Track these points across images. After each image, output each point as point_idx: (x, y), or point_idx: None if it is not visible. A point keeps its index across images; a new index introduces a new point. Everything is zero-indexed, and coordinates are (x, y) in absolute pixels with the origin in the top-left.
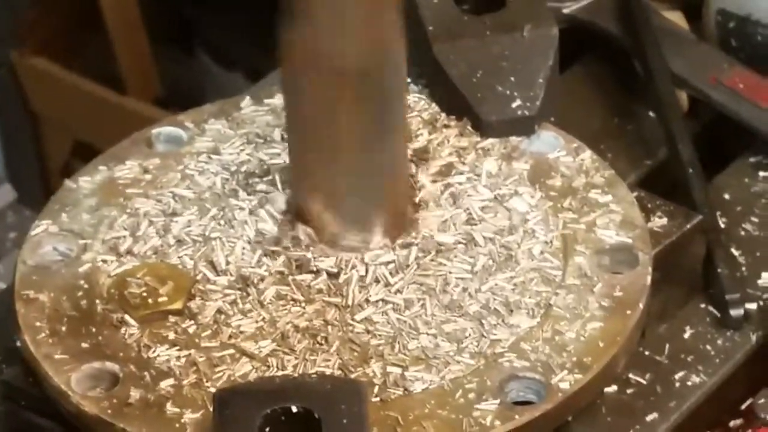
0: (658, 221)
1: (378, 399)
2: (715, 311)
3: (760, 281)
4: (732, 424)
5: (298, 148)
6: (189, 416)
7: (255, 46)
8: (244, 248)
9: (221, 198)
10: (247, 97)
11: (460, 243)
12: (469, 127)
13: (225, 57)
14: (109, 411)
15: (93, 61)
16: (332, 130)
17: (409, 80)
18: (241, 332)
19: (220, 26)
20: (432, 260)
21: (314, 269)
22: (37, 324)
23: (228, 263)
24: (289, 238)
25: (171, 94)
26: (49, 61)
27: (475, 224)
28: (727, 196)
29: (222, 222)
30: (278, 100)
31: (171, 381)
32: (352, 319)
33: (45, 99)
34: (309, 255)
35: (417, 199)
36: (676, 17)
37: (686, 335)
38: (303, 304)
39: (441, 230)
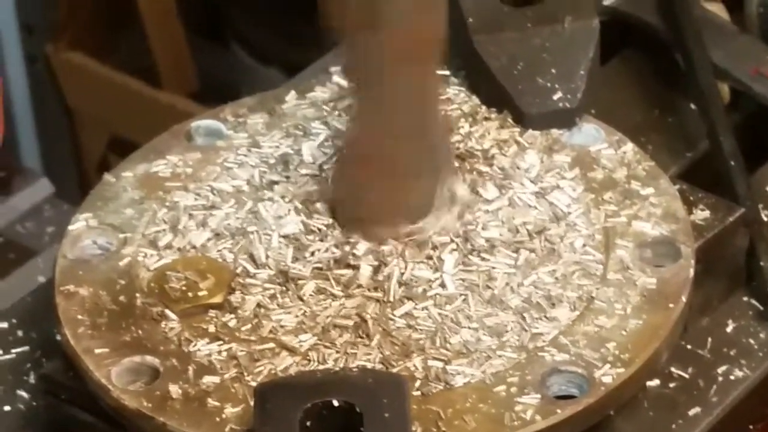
0: (701, 214)
1: (419, 393)
2: (757, 304)
3: None
4: None
5: (347, 146)
6: (230, 410)
7: (290, 40)
8: (281, 242)
9: (259, 191)
10: (292, 91)
11: (502, 236)
12: (510, 120)
13: (260, 51)
14: (150, 405)
15: (128, 55)
16: (383, 127)
17: (448, 72)
18: (282, 326)
19: (255, 20)
20: (474, 254)
21: (354, 264)
22: (78, 318)
23: (267, 257)
24: (328, 232)
25: (206, 89)
26: (84, 55)
27: (517, 218)
28: None
29: (260, 215)
30: (319, 93)
31: (212, 375)
32: (393, 314)
33: (80, 93)
34: (348, 249)
35: (458, 193)
36: (717, 8)
37: (729, 329)
38: (343, 299)
39: (483, 224)
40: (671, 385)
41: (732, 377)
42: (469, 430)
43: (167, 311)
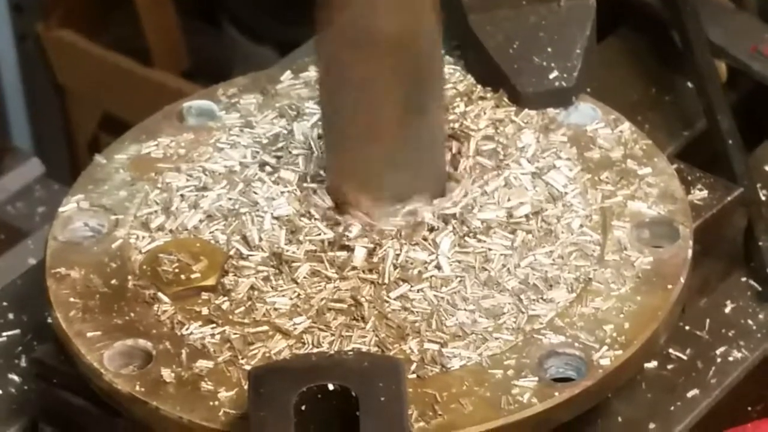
0: (698, 194)
1: (415, 376)
2: (756, 285)
3: None
4: None
5: (333, 124)
6: (224, 394)
7: (282, 18)
8: (274, 224)
9: (252, 172)
10: (287, 71)
11: (498, 217)
12: (506, 99)
13: (252, 30)
14: (143, 389)
15: (120, 33)
16: (369, 106)
17: (444, 51)
18: (276, 309)
19: None
20: (470, 236)
21: (348, 246)
22: (69, 301)
23: (260, 239)
24: (322, 214)
25: (198, 67)
26: (75, 33)
27: (514, 198)
28: (767, 168)
29: (253, 197)
30: (312, 73)
31: (205, 359)
32: (388, 296)
33: (72, 72)
34: (342, 231)
35: (454, 173)
36: None
37: (727, 309)
38: (337, 282)
39: (479, 205)
40: (669, 366)
41: (731, 358)
42: (466, 414)
43: (160, 294)
